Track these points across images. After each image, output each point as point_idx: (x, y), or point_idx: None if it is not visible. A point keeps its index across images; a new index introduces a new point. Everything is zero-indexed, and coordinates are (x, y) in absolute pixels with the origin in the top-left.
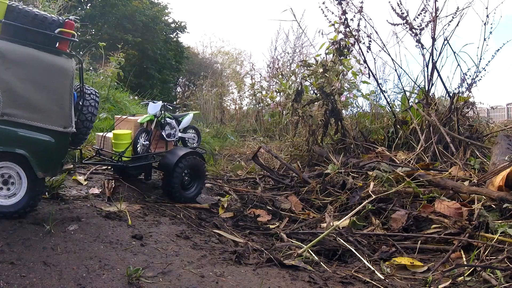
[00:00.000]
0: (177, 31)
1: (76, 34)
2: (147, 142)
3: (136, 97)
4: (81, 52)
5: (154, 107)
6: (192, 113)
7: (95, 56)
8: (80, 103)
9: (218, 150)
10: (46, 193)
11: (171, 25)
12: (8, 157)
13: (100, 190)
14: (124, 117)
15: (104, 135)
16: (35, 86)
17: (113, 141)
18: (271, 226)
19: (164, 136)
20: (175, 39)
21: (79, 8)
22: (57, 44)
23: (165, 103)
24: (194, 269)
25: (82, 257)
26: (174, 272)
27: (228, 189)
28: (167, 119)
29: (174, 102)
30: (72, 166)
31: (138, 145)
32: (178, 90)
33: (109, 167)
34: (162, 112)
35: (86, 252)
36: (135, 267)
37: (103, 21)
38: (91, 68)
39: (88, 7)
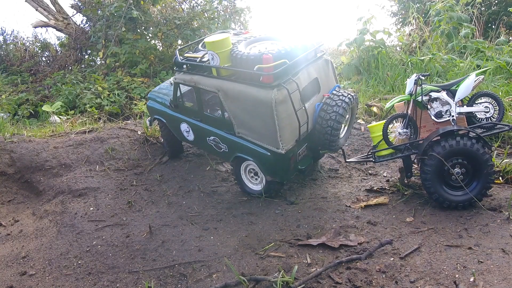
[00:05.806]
0: None
1: (286, 61)
2: (405, 130)
3: None
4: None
5: (408, 84)
6: (474, 74)
7: None
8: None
9: None
10: (500, 178)
11: None
12: (252, 159)
13: None
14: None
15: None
16: (249, 114)
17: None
18: None
19: (432, 116)
20: None
21: None
22: (261, 78)
23: (419, 75)
24: None
25: None
26: None
27: None
28: (432, 93)
29: None
30: None
31: (391, 135)
32: None
33: None
34: (421, 86)
35: None
36: None
37: None
38: None
39: None
